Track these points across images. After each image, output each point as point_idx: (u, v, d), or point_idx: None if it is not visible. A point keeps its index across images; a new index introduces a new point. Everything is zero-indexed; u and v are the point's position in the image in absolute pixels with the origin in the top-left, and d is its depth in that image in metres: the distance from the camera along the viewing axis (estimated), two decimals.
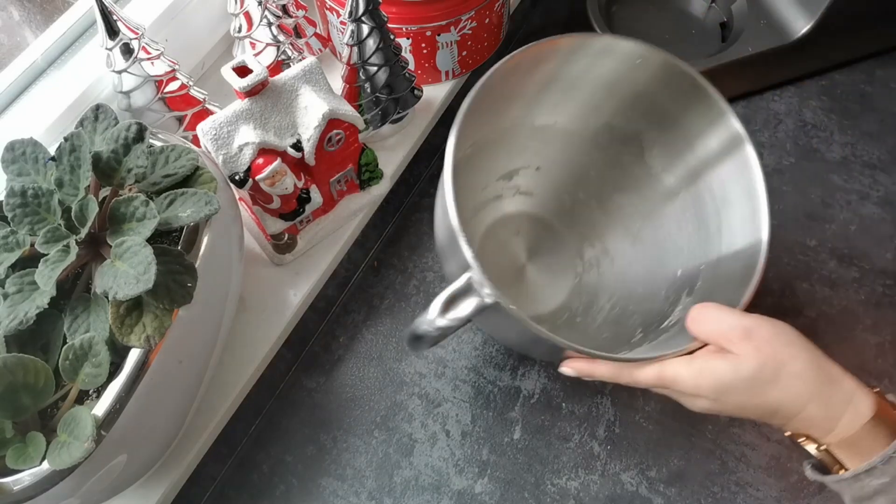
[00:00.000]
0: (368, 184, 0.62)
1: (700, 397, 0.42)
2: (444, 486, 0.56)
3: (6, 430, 0.38)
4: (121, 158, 0.42)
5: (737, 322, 0.41)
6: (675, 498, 0.54)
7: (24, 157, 0.43)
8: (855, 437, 0.40)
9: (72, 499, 0.40)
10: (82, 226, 0.40)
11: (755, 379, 0.40)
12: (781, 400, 0.40)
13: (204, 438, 0.53)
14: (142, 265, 0.37)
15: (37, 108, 0.55)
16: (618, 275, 0.58)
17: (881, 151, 0.70)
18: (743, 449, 0.56)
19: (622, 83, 0.50)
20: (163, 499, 0.50)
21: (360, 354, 0.61)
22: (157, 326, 0.40)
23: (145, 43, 0.53)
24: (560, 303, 0.59)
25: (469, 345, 0.61)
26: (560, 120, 0.55)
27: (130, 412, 0.40)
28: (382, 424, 0.58)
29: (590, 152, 0.57)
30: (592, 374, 0.45)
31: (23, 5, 0.65)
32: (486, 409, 0.58)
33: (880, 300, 0.62)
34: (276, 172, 0.50)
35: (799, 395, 0.40)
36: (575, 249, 0.61)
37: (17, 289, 0.39)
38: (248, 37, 0.62)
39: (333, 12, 0.64)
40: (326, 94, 0.52)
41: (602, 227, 0.60)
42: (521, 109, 0.53)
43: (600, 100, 0.52)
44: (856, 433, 0.40)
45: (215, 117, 0.49)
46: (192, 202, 0.41)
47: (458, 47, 0.65)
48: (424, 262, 0.65)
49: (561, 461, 0.56)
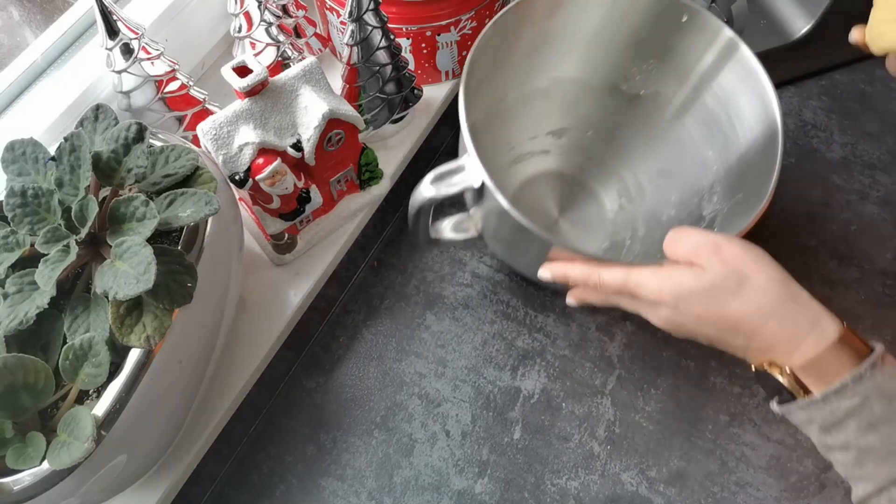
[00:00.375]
0: (368, 184, 0.62)
1: (661, 305, 0.42)
2: (444, 486, 0.56)
3: (6, 430, 0.38)
4: (121, 158, 0.42)
5: (708, 239, 0.41)
6: (675, 498, 0.54)
7: (24, 157, 0.43)
8: (819, 358, 0.39)
9: (72, 499, 0.40)
10: (82, 226, 0.40)
11: (716, 287, 0.40)
12: (741, 313, 0.40)
13: (204, 438, 0.53)
14: (142, 265, 0.37)
15: (37, 108, 0.55)
16: (650, 207, 0.61)
17: (881, 151, 0.70)
18: (743, 449, 0.56)
19: (616, 27, 0.54)
20: (163, 499, 0.50)
21: (360, 354, 0.61)
22: (157, 326, 0.40)
23: (145, 43, 0.53)
24: (595, 249, 0.62)
25: (469, 345, 0.61)
26: (564, 75, 0.59)
27: (130, 412, 0.40)
28: (382, 424, 0.58)
29: (601, 101, 0.61)
30: (566, 275, 0.46)
31: (23, 5, 0.65)
32: (486, 409, 0.58)
33: (880, 300, 0.62)
34: (276, 172, 0.50)
35: (759, 308, 0.40)
36: (604, 196, 0.65)
37: (17, 289, 0.39)
38: (248, 37, 0.62)
39: (333, 12, 0.64)
40: (326, 94, 0.52)
41: (627, 169, 0.63)
42: (525, 69, 0.57)
43: (599, 47, 0.56)
44: (820, 355, 0.39)
45: (215, 117, 0.49)
46: (192, 202, 0.41)
47: (458, 47, 0.65)
48: (424, 262, 0.65)
49: (561, 461, 0.56)
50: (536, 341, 0.61)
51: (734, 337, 0.41)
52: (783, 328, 0.40)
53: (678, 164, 0.58)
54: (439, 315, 0.63)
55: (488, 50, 0.51)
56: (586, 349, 0.61)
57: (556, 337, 0.61)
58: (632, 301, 0.44)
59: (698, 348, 0.60)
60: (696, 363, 0.60)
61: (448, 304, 0.63)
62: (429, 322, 0.62)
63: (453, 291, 0.64)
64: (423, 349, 0.61)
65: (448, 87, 0.69)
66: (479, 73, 0.50)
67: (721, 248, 0.41)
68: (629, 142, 0.63)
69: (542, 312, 0.62)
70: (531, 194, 0.66)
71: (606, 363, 0.60)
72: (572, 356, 0.60)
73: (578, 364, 0.60)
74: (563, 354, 0.60)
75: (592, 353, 0.60)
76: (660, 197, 0.60)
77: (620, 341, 0.61)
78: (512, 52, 0.55)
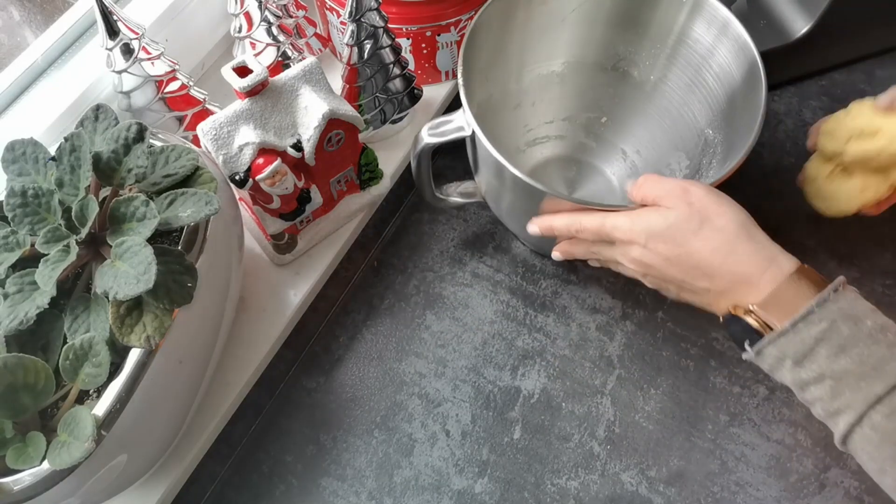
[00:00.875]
0: (368, 184, 0.62)
1: (633, 245, 0.45)
2: (444, 486, 0.56)
3: (6, 430, 0.38)
4: (121, 158, 0.42)
5: (675, 184, 0.44)
6: (675, 498, 0.54)
7: (24, 157, 0.43)
8: (779, 292, 0.41)
9: (72, 499, 0.40)
10: (82, 226, 0.40)
11: (680, 227, 0.43)
12: (701, 252, 0.42)
13: (204, 438, 0.53)
14: (142, 265, 0.37)
15: (37, 108, 0.55)
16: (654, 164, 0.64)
17: None
18: (743, 449, 0.56)
19: (601, 8, 0.59)
20: (163, 499, 0.50)
21: (360, 354, 0.61)
22: (157, 326, 0.40)
23: (145, 43, 0.53)
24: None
25: (469, 345, 0.61)
26: (558, 63, 0.63)
27: (130, 412, 0.40)
28: (382, 424, 0.58)
29: (598, 80, 0.64)
30: (551, 226, 0.50)
31: (23, 5, 0.65)
32: (486, 409, 0.58)
33: (880, 300, 0.62)
34: (276, 172, 0.50)
35: (717, 248, 0.42)
36: (609, 171, 0.68)
37: (18, 289, 0.39)
38: (248, 37, 0.62)
39: (333, 12, 0.64)
40: (326, 94, 0.52)
41: (628, 141, 0.66)
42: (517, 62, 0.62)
43: (587, 30, 0.61)
44: (779, 288, 0.41)
45: (215, 117, 0.49)
46: (192, 202, 0.41)
47: (458, 47, 0.65)
48: (424, 262, 0.65)
49: (561, 461, 0.56)
50: (536, 341, 0.61)
51: (697, 279, 0.44)
52: (739, 266, 0.42)
53: (671, 126, 0.62)
54: (439, 315, 0.63)
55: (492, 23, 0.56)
56: (586, 349, 0.61)
57: (556, 337, 0.61)
58: (609, 248, 0.47)
59: (698, 348, 0.60)
60: (696, 363, 0.60)
61: (448, 304, 0.63)
62: (429, 322, 0.62)
63: (453, 291, 0.64)
64: (423, 349, 0.61)
65: (448, 87, 0.69)
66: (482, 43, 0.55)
67: (688, 191, 0.44)
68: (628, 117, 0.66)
69: (542, 312, 0.62)
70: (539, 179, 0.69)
71: (606, 363, 0.60)
72: (572, 356, 0.60)
73: (578, 364, 0.60)
74: (563, 354, 0.60)
75: (592, 353, 0.60)
76: (659, 159, 0.64)
77: (620, 341, 0.61)
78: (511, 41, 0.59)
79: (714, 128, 0.56)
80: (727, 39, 0.53)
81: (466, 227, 0.67)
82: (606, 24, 0.60)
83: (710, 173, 0.54)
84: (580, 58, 0.63)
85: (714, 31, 0.55)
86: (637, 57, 0.61)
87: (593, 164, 0.68)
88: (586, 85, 0.65)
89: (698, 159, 0.58)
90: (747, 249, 0.42)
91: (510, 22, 0.58)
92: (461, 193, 0.62)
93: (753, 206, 0.44)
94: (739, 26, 0.52)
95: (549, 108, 0.67)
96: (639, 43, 0.60)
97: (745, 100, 0.51)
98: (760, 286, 0.41)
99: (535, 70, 0.63)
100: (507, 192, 0.53)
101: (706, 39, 0.55)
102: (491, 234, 0.67)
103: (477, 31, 0.54)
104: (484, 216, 0.68)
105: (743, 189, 0.67)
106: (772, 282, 0.41)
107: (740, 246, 0.42)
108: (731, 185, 0.47)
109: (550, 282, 0.64)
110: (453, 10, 0.62)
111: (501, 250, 0.66)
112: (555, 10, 0.59)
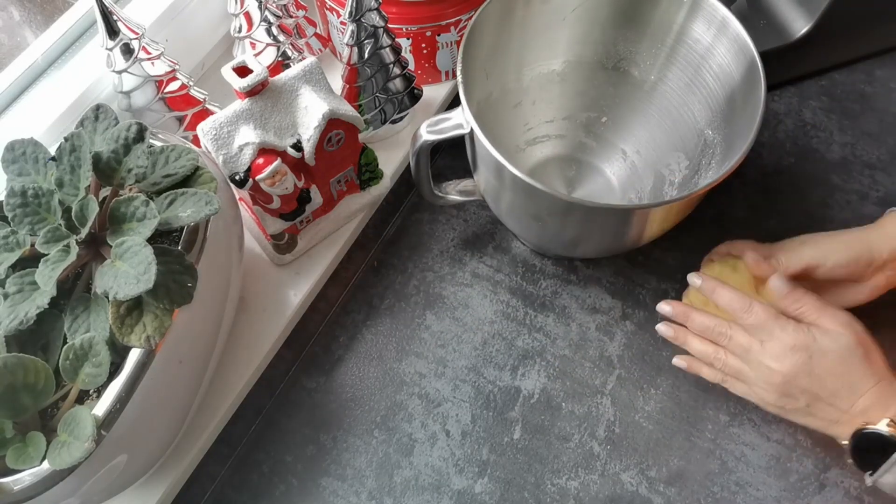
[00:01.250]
0: (368, 184, 0.62)
1: (798, 351, 0.48)
2: (444, 486, 0.56)
3: (6, 430, 0.38)
4: (121, 158, 0.42)
5: (824, 305, 0.49)
6: (675, 498, 0.54)
7: (24, 157, 0.43)
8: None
9: (72, 499, 0.40)
10: (82, 226, 0.40)
11: (851, 350, 0.47)
12: (863, 373, 0.47)
13: (204, 438, 0.53)
14: (142, 265, 0.37)
15: (37, 108, 0.55)
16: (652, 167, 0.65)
17: (881, 151, 0.70)
18: (743, 449, 0.56)
19: (601, 7, 0.59)
20: (163, 499, 0.50)
21: (360, 354, 0.61)
22: (157, 326, 0.40)
23: (145, 43, 0.53)
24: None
25: (469, 345, 0.61)
26: (558, 62, 0.64)
27: (130, 412, 0.40)
28: (382, 424, 0.58)
29: (598, 80, 0.65)
30: (690, 320, 0.53)
31: (23, 5, 0.65)
32: (486, 409, 0.58)
33: (880, 300, 0.62)
34: (276, 172, 0.50)
35: (876, 372, 0.47)
36: (610, 171, 0.68)
37: (18, 289, 0.39)
38: (248, 37, 0.62)
39: (333, 12, 0.64)
40: (326, 94, 0.52)
41: (628, 140, 0.66)
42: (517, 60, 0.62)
43: (587, 29, 0.61)
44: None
45: (215, 117, 0.49)
46: (192, 202, 0.41)
47: (458, 47, 0.65)
48: (424, 262, 0.65)
49: (561, 461, 0.56)
50: (536, 341, 0.61)
51: (838, 399, 0.46)
52: (883, 387, 0.46)
53: (671, 126, 0.62)
54: (439, 315, 0.63)
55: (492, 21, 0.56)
56: (586, 349, 0.61)
57: (556, 337, 0.61)
58: (751, 352, 0.50)
59: None
60: None
61: (448, 304, 0.63)
62: (429, 322, 0.62)
63: (453, 291, 0.64)
64: (423, 349, 0.61)
65: (448, 86, 0.69)
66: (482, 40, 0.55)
67: (838, 316, 0.48)
68: (628, 116, 0.66)
69: (542, 312, 0.62)
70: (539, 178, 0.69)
71: (606, 363, 0.60)
72: (572, 356, 0.60)
73: (578, 364, 0.60)
74: (563, 354, 0.60)
75: (592, 353, 0.60)
76: (658, 159, 0.64)
77: (620, 341, 0.61)
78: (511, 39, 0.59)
79: (713, 128, 0.56)
80: (726, 39, 0.53)
81: (466, 227, 0.67)
82: (606, 22, 0.60)
83: (708, 173, 0.54)
84: (580, 57, 0.63)
85: (713, 30, 0.54)
86: (637, 56, 0.61)
87: (593, 163, 0.68)
88: (586, 84, 0.65)
89: (697, 159, 0.58)
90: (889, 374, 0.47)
91: (510, 20, 0.58)
92: (460, 192, 0.62)
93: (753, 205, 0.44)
94: (738, 26, 0.52)
95: (549, 107, 0.67)
96: (639, 42, 0.60)
97: (745, 100, 0.51)
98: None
99: (535, 69, 0.63)
100: (506, 191, 0.53)
101: (705, 39, 0.55)
102: (491, 234, 0.67)
103: (477, 28, 0.54)
104: (484, 216, 0.68)
105: (743, 189, 0.68)
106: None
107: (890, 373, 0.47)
108: (730, 185, 0.47)
109: (550, 282, 0.64)
110: (453, 10, 0.62)
111: (501, 250, 0.66)
112: (555, 9, 0.59)
